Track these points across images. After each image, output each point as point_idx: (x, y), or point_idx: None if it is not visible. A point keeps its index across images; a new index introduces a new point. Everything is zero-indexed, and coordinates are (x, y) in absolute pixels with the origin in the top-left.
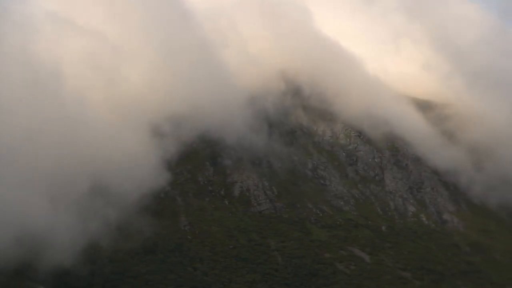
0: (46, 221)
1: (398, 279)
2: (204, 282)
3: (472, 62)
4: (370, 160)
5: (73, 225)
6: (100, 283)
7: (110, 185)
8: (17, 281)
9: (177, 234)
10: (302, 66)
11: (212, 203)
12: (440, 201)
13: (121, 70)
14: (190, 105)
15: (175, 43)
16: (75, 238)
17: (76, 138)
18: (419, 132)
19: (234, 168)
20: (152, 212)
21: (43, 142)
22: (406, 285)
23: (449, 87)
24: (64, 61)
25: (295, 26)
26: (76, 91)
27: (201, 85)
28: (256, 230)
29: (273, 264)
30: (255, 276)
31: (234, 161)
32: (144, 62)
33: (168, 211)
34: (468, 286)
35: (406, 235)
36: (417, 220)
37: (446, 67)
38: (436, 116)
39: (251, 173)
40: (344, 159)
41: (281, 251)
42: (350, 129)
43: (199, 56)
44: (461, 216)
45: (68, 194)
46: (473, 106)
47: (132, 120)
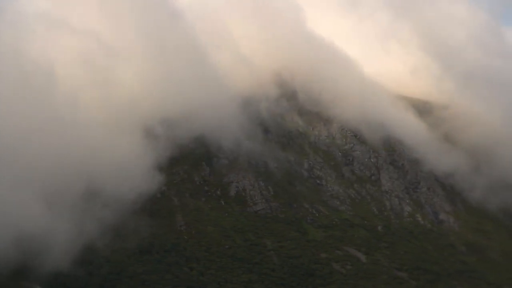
0: (43, 222)
1: (394, 279)
2: (200, 282)
3: (463, 62)
4: (366, 160)
5: (69, 226)
6: (97, 283)
7: (106, 187)
8: (14, 282)
9: (173, 234)
10: (296, 67)
11: (208, 203)
12: (436, 201)
13: (114, 72)
14: (184, 107)
15: (169, 45)
16: (71, 239)
17: (70, 139)
18: (415, 133)
19: (230, 168)
20: (148, 212)
21: (37, 143)
22: (402, 285)
23: (441, 87)
24: (57, 61)
25: (287, 25)
26: (70, 92)
27: (195, 87)
28: (252, 230)
29: (269, 264)
30: (251, 276)
31: (230, 161)
32: (137, 63)
33: (164, 211)
34: (464, 286)
35: (402, 235)
36: (413, 220)
37: (438, 67)
38: (431, 116)
39: (247, 173)
40: (340, 159)
41: (277, 251)
42: (346, 129)
43: (193, 57)
44: (457, 216)
45: (63, 196)
46: (467, 106)
47: (126, 122)
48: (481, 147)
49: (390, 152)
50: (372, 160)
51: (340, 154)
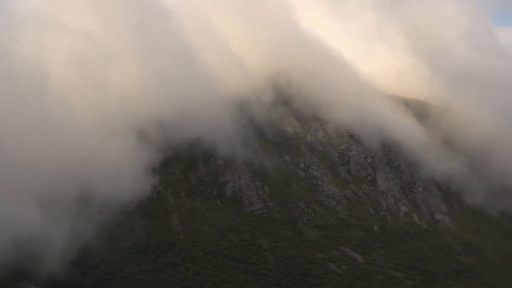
0: (37, 224)
1: (390, 279)
2: (196, 282)
3: (455, 62)
4: (362, 160)
5: (64, 227)
6: (92, 283)
7: (101, 188)
8: (11, 283)
9: (169, 234)
10: (290, 68)
11: (204, 203)
12: (432, 201)
13: (107, 73)
14: (178, 109)
15: (162, 47)
16: (67, 239)
17: (63, 141)
18: (410, 133)
19: (226, 168)
20: (144, 213)
21: (29, 145)
22: (398, 285)
23: (433, 87)
24: (49, 61)
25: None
26: (62, 94)
27: (188, 89)
28: (248, 230)
29: (265, 264)
30: (247, 276)
31: (226, 161)
32: (130, 65)
33: (160, 211)
34: (460, 286)
35: (398, 235)
36: (409, 220)
37: (430, 67)
38: (426, 116)
39: (243, 173)
40: (336, 159)
41: (273, 251)
42: (342, 129)
43: (185, 59)
44: (453, 216)
45: (58, 198)
46: (460, 106)
47: (120, 124)
48: (476, 148)
49: (386, 152)
50: (368, 160)
51: (336, 154)
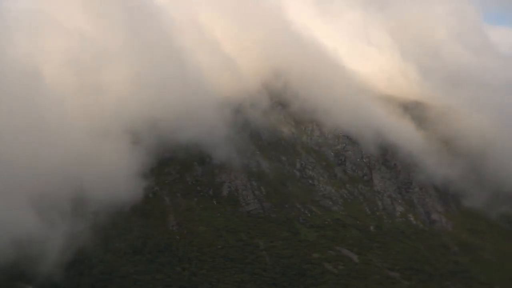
0: (34, 226)
1: (386, 279)
2: (192, 282)
3: (447, 62)
4: (358, 160)
5: (61, 227)
6: (89, 283)
7: (97, 188)
8: (8, 283)
9: (165, 234)
10: (284, 69)
11: (201, 203)
12: (429, 201)
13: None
14: (172, 111)
15: (156, 50)
16: (64, 240)
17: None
18: (406, 134)
19: (222, 168)
20: (140, 213)
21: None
22: (394, 285)
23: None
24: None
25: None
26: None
27: (182, 91)
28: (245, 230)
29: (262, 264)
30: (243, 276)
31: (222, 162)
32: (124, 67)
33: (156, 211)
34: (456, 286)
35: (394, 235)
36: (406, 220)
37: (423, 67)
38: (421, 117)
39: (239, 173)
40: (332, 159)
41: (269, 251)
42: (338, 129)
43: (177, 61)
44: (449, 216)
45: (54, 198)
46: (454, 106)
47: (114, 125)
48: (473, 148)
49: (382, 152)
50: (364, 160)
51: (332, 154)
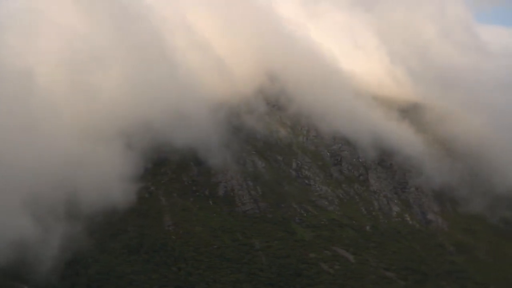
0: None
1: (382, 279)
2: (188, 282)
3: (439, 62)
4: (354, 160)
5: (57, 228)
6: (85, 283)
7: (93, 188)
8: (3, 283)
9: (161, 234)
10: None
11: (197, 203)
12: (425, 201)
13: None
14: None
15: (148, 53)
16: (59, 240)
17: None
18: (402, 134)
19: (218, 168)
20: (136, 213)
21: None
22: (390, 285)
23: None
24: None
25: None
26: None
27: (176, 94)
28: (241, 230)
29: (258, 264)
30: (239, 276)
31: (218, 161)
32: (116, 70)
33: (152, 211)
34: (452, 286)
35: (390, 235)
36: (402, 220)
37: (416, 67)
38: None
39: (235, 173)
40: (328, 159)
41: (265, 251)
42: (334, 129)
43: (168, 61)
44: (445, 216)
45: (49, 198)
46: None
47: (109, 126)
48: (467, 148)
49: (378, 153)
50: (360, 160)
51: (328, 154)
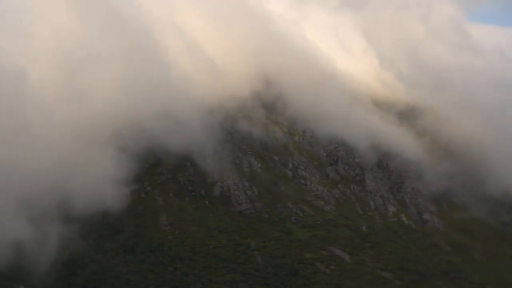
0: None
1: (379, 279)
2: (184, 282)
3: (429, 61)
4: (350, 160)
5: (52, 228)
6: (81, 284)
7: (89, 188)
8: None
9: (157, 234)
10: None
11: (193, 203)
12: (421, 201)
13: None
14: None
15: (140, 56)
16: (55, 240)
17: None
18: (398, 136)
19: (214, 168)
20: (132, 212)
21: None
22: (386, 285)
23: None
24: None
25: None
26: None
27: (167, 96)
28: (237, 230)
29: (254, 264)
30: (235, 276)
31: (214, 161)
32: (108, 72)
33: (148, 211)
34: (448, 286)
35: (386, 235)
36: (398, 220)
37: (409, 66)
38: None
39: (231, 173)
40: (324, 159)
41: (261, 251)
42: (329, 130)
43: (161, 65)
44: (441, 216)
45: (44, 198)
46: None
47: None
48: (462, 148)
49: (374, 153)
50: (356, 160)
51: (324, 154)
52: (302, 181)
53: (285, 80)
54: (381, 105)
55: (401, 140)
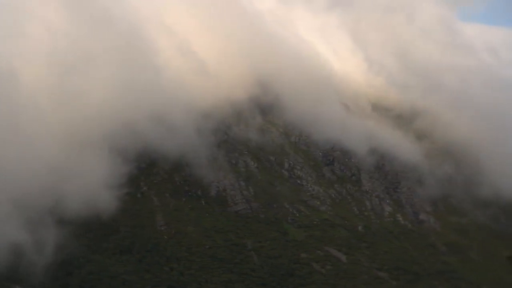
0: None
1: (375, 279)
2: (181, 282)
3: (420, 60)
4: (346, 160)
5: (48, 228)
6: (77, 284)
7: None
8: None
9: (153, 234)
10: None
11: (189, 203)
12: (417, 201)
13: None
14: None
15: (133, 58)
16: (51, 240)
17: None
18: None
19: (211, 168)
20: (128, 212)
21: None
22: (382, 285)
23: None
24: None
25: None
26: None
27: (159, 99)
28: (233, 230)
29: (250, 264)
30: (232, 276)
31: (210, 161)
32: (100, 74)
33: (144, 211)
34: (444, 286)
35: (382, 235)
36: (394, 220)
37: (395, 65)
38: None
39: (227, 173)
40: (320, 159)
41: (257, 251)
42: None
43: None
44: (437, 216)
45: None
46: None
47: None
48: (456, 147)
49: (370, 153)
50: (352, 160)
51: (320, 154)
52: (298, 181)
53: (280, 81)
54: (377, 108)
55: (397, 143)
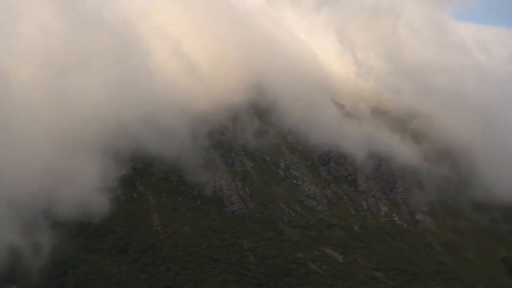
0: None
1: (371, 279)
2: (177, 282)
3: (411, 60)
4: (342, 160)
5: (44, 228)
6: (72, 283)
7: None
8: None
9: (149, 234)
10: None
11: (185, 203)
12: (413, 201)
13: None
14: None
15: (127, 61)
16: (47, 240)
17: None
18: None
19: (207, 168)
20: (124, 213)
21: None
22: (378, 285)
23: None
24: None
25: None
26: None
27: (153, 103)
28: (229, 230)
29: (246, 264)
30: (228, 276)
31: (206, 161)
32: (93, 76)
33: (140, 211)
34: (440, 286)
35: (378, 235)
36: (390, 220)
37: (386, 66)
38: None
39: (223, 173)
40: (316, 159)
41: (253, 251)
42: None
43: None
44: (433, 216)
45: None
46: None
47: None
48: (453, 147)
49: (367, 153)
50: (348, 160)
51: (316, 154)
52: (294, 181)
53: (275, 82)
54: (374, 111)
55: (394, 145)
